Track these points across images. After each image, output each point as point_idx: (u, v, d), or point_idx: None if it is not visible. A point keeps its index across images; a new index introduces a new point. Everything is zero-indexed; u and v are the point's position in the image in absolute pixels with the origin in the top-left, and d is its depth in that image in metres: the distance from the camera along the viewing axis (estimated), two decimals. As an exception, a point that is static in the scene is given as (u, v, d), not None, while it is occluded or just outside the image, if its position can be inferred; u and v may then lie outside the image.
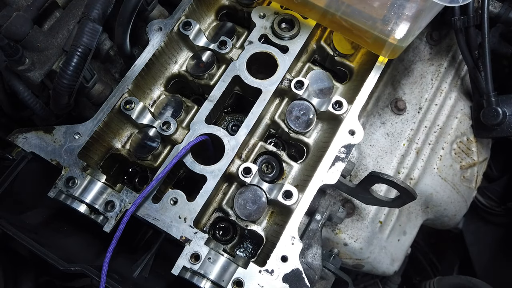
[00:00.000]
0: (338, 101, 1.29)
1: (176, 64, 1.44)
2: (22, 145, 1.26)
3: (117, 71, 1.62)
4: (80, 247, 1.41)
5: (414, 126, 1.77)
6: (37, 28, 1.33)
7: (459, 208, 1.88)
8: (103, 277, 1.13)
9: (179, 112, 1.37)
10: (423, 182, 1.76)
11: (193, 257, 1.13)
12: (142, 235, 1.59)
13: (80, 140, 1.26)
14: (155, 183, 1.20)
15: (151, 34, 1.36)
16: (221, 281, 1.13)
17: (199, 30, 1.39)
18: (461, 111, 1.84)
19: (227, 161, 1.24)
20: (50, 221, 1.42)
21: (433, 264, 2.62)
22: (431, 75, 1.83)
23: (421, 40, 1.85)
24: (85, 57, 1.25)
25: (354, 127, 1.27)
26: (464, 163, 1.84)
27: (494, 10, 1.61)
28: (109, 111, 1.29)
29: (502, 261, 2.34)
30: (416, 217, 1.85)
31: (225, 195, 1.31)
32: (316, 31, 1.43)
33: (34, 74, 1.35)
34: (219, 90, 1.32)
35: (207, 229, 1.31)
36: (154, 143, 1.32)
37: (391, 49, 1.27)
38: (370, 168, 1.71)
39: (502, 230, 2.42)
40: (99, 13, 1.26)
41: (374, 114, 1.78)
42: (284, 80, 1.33)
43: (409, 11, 1.17)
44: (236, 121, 1.51)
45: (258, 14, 1.40)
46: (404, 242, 1.84)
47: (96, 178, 1.23)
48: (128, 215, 1.14)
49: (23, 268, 1.47)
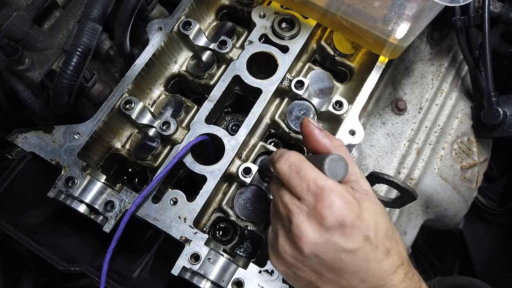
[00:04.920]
0: (339, 101, 1.29)
1: (176, 64, 1.44)
2: (21, 145, 1.26)
3: (117, 71, 1.61)
4: (80, 247, 1.41)
5: (415, 126, 1.77)
6: (37, 28, 1.32)
7: (459, 208, 1.87)
8: (103, 277, 1.13)
9: (179, 112, 1.37)
10: (424, 182, 1.76)
11: (193, 257, 1.13)
12: (142, 235, 1.59)
13: (79, 140, 1.26)
14: (155, 183, 1.19)
15: (151, 34, 1.36)
16: (221, 281, 1.12)
17: (199, 30, 1.39)
18: (462, 111, 1.83)
19: (227, 161, 1.24)
20: (50, 221, 1.42)
21: (433, 264, 2.62)
22: (432, 75, 1.82)
23: (422, 40, 1.85)
24: (85, 57, 1.25)
25: (354, 127, 1.27)
26: (465, 163, 1.83)
27: (495, 10, 1.61)
28: (109, 111, 1.29)
29: (503, 262, 2.33)
30: (416, 217, 1.84)
31: (225, 195, 1.30)
32: (316, 31, 1.43)
33: (34, 74, 1.35)
34: (219, 90, 1.32)
35: (207, 229, 1.31)
36: (154, 143, 1.32)
37: (391, 49, 1.27)
38: (370, 168, 1.71)
39: (502, 230, 2.41)
40: (99, 12, 1.26)
41: (375, 114, 1.78)
42: (284, 80, 1.33)
43: (409, 11, 1.17)
44: (236, 121, 1.51)
45: (258, 14, 1.40)
46: (404, 242, 1.83)
47: (96, 178, 1.23)
48: (128, 215, 1.14)
49: (22, 268, 1.47)
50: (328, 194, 0.87)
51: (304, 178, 0.89)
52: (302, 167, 0.91)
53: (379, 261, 0.90)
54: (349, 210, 0.87)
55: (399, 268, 0.92)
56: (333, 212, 0.86)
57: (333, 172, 0.90)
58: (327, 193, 0.87)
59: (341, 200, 0.87)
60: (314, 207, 0.87)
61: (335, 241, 0.87)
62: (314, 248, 0.88)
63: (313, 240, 0.88)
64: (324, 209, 0.86)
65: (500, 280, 2.26)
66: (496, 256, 2.38)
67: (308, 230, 0.88)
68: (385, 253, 0.91)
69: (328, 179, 0.89)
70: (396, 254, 0.92)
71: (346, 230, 0.87)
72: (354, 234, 0.87)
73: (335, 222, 0.86)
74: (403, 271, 0.92)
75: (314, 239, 0.88)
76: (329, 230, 0.87)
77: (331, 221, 0.86)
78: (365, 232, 0.88)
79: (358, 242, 0.88)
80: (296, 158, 0.93)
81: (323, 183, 0.88)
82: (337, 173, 0.90)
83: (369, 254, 0.89)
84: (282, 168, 0.93)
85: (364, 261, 0.89)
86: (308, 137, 1.01)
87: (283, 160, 0.94)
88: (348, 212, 0.87)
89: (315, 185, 0.88)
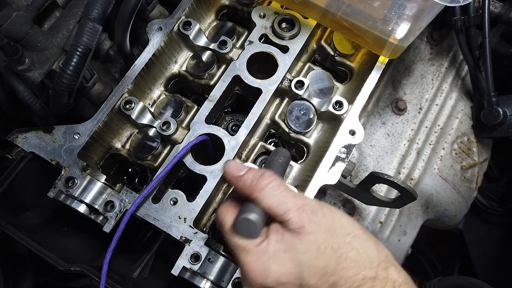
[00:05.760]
0: (339, 101, 1.29)
1: (176, 64, 1.44)
2: (21, 145, 1.26)
3: (117, 71, 1.61)
4: (80, 247, 1.41)
5: (415, 126, 1.77)
6: (37, 28, 1.32)
7: (459, 208, 1.87)
8: (103, 277, 1.13)
9: (179, 112, 1.37)
10: (424, 182, 1.75)
11: (193, 257, 1.13)
12: (142, 235, 1.59)
13: (80, 140, 1.26)
14: (155, 183, 1.19)
15: (151, 34, 1.36)
16: (221, 281, 1.12)
17: (199, 30, 1.39)
18: (462, 111, 1.83)
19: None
20: (50, 221, 1.42)
21: (434, 264, 2.61)
22: (432, 75, 1.82)
23: (422, 40, 1.85)
24: (85, 57, 1.25)
25: (354, 127, 1.27)
26: (465, 163, 1.83)
27: (495, 10, 1.61)
28: (109, 111, 1.29)
29: (503, 262, 2.33)
30: (416, 218, 1.84)
31: (225, 196, 1.30)
32: (316, 31, 1.43)
33: (34, 74, 1.35)
34: (219, 90, 1.32)
35: (207, 229, 1.31)
36: (154, 143, 1.32)
37: (391, 49, 1.27)
38: (370, 168, 1.71)
39: (502, 230, 2.41)
40: (99, 12, 1.26)
41: (375, 114, 1.78)
42: (284, 80, 1.33)
43: (409, 11, 1.17)
44: (236, 121, 1.51)
45: (258, 14, 1.40)
46: (404, 242, 1.84)
47: (96, 178, 1.23)
48: (128, 215, 1.14)
49: (22, 268, 1.47)
50: (243, 259, 0.85)
51: (227, 238, 0.89)
52: (223, 224, 0.90)
53: None
54: (263, 276, 0.83)
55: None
56: (255, 280, 0.84)
57: (247, 233, 0.86)
58: (241, 257, 0.86)
59: (255, 265, 0.84)
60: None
61: None
62: None
63: None
64: (246, 276, 0.85)
65: (500, 280, 2.26)
66: (496, 256, 2.38)
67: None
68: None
69: (241, 239, 0.87)
70: (347, 283, 0.85)
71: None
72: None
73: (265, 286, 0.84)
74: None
75: None
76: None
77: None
78: (296, 282, 0.84)
79: None
80: (220, 211, 0.93)
81: (236, 244, 0.87)
82: (251, 232, 0.86)
83: None
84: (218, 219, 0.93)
85: None
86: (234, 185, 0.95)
87: (218, 214, 0.94)
88: (264, 278, 0.83)
89: (235, 248, 0.87)
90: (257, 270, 0.83)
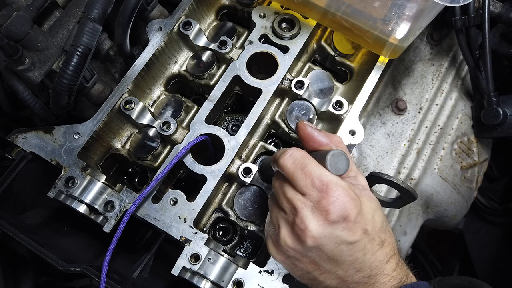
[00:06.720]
0: (339, 101, 1.29)
1: (176, 64, 1.44)
2: (21, 145, 1.26)
3: (117, 71, 1.61)
4: (80, 247, 1.41)
5: (415, 126, 1.77)
6: (37, 28, 1.32)
7: (459, 208, 1.87)
8: (103, 277, 1.13)
9: (179, 112, 1.37)
10: (424, 182, 1.76)
11: (193, 257, 1.13)
12: (142, 235, 1.59)
13: (80, 140, 1.26)
14: (155, 183, 1.19)
15: (151, 34, 1.36)
16: (221, 281, 1.12)
17: (199, 30, 1.39)
18: (462, 111, 1.83)
19: (227, 161, 1.24)
20: (50, 221, 1.42)
21: (434, 264, 2.61)
22: (432, 75, 1.82)
23: (422, 40, 1.85)
24: (85, 57, 1.25)
25: (354, 127, 1.27)
26: (465, 164, 1.83)
27: (495, 10, 1.61)
28: (109, 111, 1.29)
29: (503, 262, 2.33)
30: (416, 218, 1.84)
31: (225, 195, 1.30)
32: (316, 31, 1.43)
33: (34, 74, 1.35)
34: (219, 90, 1.32)
35: (207, 230, 1.31)
36: (154, 143, 1.32)
37: (391, 49, 1.27)
38: (370, 168, 1.71)
39: (502, 231, 2.41)
40: (99, 12, 1.26)
41: (375, 114, 1.78)
42: (284, 80, 1.33)
43: (409, 11, 1.17)
44: (236, 121, 1.51)
45: (258, 14, 1.40)
46: (404, 242, 1.84)
47: (96, 178, 1.23)
48: (128, 215, 1.14)
49: (22, 268, 1.47)
50: (334, 190, 0.91)
51: (308, 174, 0.92)
52: (306, 164, 0.94)
53: (375, 252, 0.96)
54: (352, 206, 0.91)
55: (391, 258, 0.99)
56: (338, 208, 0.90)
57: (335, 167, 0.93)
58: (332, 189, 0.91)
59: (346, 197, 0.91)
60: (318, 202, 0.91)
61: (338, 234, 0.92)
62: (317, 241, 0.92)
63: (316, 234, 0.91)
64: (329, 205, 0.90)
65: (500, 280, 2.26)
66: (496, 256, 2.38)
67: (312, 224, 0.91)
68: (380, 245, 0.97)
69: (332, 175, 0.93)
70: (389, 245, 0.99)
71: (349, 224, 0.91)
72: (355, 228, 0.92)
73: (339, 217, 0.91)
74: (395, 260, 0.99)
75: (318, 232, 0.91)
76: (333, 224, 0.91)
77: (336, 216, 0.90)
78: (364, 226, 0.93)
79: (358, 235, 0.93)
80: (300, 154, 0.96)
81: (327, 179, 0.92)
82: (339, 167, 0.93)
83: (366, 246, 0.95)
84: (286, 163, 0.96)
85: (361, 253, 0.95)
86: (307, 140, 1.03)
87: (287, 156, 0.97)
88: (352, 208, 0.91)
89: (320, 182, 0.91)
90: (350, 200, 0.91)
